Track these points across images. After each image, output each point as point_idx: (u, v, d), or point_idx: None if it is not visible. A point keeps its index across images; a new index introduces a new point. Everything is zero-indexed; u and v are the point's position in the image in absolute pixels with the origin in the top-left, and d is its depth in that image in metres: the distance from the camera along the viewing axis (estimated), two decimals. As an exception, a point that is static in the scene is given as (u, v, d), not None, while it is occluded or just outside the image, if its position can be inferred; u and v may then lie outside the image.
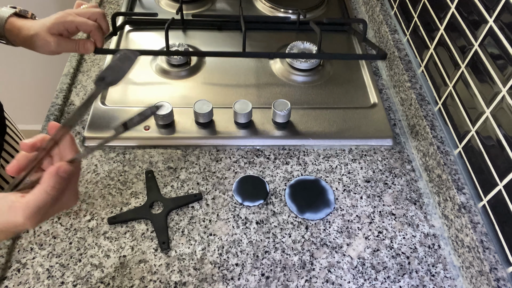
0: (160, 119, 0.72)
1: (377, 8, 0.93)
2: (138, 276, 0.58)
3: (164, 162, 0.71)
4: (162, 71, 0.84)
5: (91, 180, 0.68)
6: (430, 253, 0.62)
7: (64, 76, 0.82)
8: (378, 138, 0.75)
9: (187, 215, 0.64)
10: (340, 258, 0.61)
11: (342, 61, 0.89)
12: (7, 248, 0.59)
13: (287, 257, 0.61)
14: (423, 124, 0.71)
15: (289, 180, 0.69)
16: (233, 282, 0.58)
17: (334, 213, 0.66)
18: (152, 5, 1.00)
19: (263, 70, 0.86)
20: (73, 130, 0.74)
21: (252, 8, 1.01)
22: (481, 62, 0.60)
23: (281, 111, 0.73)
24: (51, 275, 0.58)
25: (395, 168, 0.72)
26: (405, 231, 0.64)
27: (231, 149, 0.73)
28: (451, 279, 0.60)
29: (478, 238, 0.56)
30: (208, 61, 0.87)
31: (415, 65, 0.80)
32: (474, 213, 0.59)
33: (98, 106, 0.76)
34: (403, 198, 0.68)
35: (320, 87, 0.83)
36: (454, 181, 0.62)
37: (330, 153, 0.74)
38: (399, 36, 0.86)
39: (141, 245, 0.61)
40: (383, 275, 0.60)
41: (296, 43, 0.87)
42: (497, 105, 0.56)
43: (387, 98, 0.83)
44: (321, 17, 1.00)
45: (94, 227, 0.62)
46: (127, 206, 0.65)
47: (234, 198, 0.67)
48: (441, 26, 0.71)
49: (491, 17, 0.57)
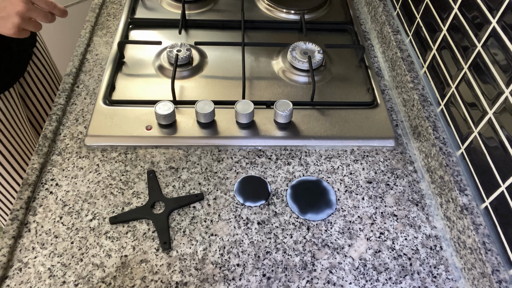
0: (162, 119, 0.72)
1: (380, 9, 0.93)
2: (139, 276, 0.58)
3: (166, 162, 0.71)
4: (164, 71, 0.84)
5: (92, 180, 0.68)
6: (432, 254, 0.62)
7: (67, 76, 0.82)
8: (380, 139, 0.75)
9: (189, 215, 0.64)
10: (341, 259, 0.61)
11: (344, 62, 0.89)
12: (9, 247, 0.59)
13: (289, 257, 0.61)
14: (426, 125, 0.71)
15: (290, 181, 0.69)
16: (234, 283, 0.58)
17: (336, 214, 0.66)
18: (155, 5, 1.00)
19: (265, 71, 0.86)
20: (75, 129, 0.74)
21: (254, 8, 1.01)
22: (484, 63, 0.59)
23: (283, 111, 0.73)
24: (53, 275, 0.58)
25: (397, 169, 0.72)
26: (407, 232, 0.64)
27: (233, 149, 0.73)
28: (453, 280, 0.59)
29: (480, 239, 0.56)
30: (210, 61, 0.87)
31: (418, 65, 0.80)
32: (476, 215, 0.59)
33: (100, 105, 0.76)
34: (405, 199, 0.68)
35: (322, 87, 0.83)
36: (456, 182, 0.62)
37: (332, 153, 0.74)
38: (402, 36, 0.86)
39: (142, 245, 0.61)
40: (385, 277, 0.59)
41: (298, 43, 0.87)
42: (500, 106, 0.55)
43: (389, 99, 0.83)
44: (323, 18, 1.00)
45: (96, 227, 0.62)
46: (128, 206, 0.65)
47: (236, 199, 0.67)
48: (444, 26, 0.70)
49: (494, 18, 0.57)
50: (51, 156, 0.71)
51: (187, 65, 0.85)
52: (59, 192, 0.66)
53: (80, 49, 0.87)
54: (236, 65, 0.86)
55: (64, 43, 1.59)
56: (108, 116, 0.75)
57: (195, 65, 0.85)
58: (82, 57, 0.87)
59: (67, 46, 1.61)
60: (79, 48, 0.88)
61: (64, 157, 0.71)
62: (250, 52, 0.90)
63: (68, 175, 0.68)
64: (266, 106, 0.78)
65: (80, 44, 0.88)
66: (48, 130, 0.73)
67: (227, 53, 0.89)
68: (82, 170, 0.69)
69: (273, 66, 0.87)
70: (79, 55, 0.86)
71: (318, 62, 0.85)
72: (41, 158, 0.69)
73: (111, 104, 0.77)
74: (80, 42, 0.89)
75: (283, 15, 0.99)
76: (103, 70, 0.85)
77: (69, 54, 1.60)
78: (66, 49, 1.62)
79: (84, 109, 0.78)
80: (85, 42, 0.89)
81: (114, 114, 0.75)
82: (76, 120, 0.76)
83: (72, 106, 0.78)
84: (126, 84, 0.81)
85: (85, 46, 0.89)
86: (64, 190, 0.66)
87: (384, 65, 0.90)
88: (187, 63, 0.85)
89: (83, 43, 0.89)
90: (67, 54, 1.61)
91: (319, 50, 0.86)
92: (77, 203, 0.65)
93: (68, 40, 1.60)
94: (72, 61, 0.85)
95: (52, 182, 0.67)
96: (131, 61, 0.86)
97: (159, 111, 0.72)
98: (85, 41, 0.89)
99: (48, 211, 0.64)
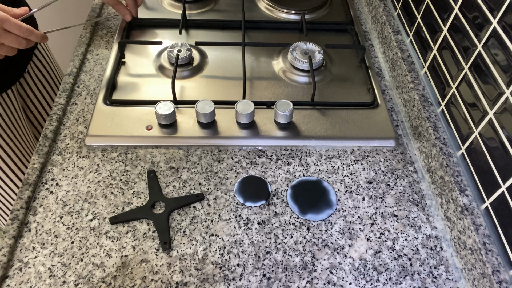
0: (162, 119, 0.72)
1: (380, 9, 0.92)
2: (139, 276, 0.58)
3: (166, 162, 0.71)
4: (165, 71, 0.84)
5: (93, 180, 0.68)
6: (432, 255, 0.62)
7: (67, 76, 0.82)
8: (380, 139, 0.75)
9: (189, 215, 0.64)
10: (341, 260, 0.61)
11: (345, 62, 0.89)
12: (9, 247, 0.59)
13: (289, 258, 0.61)
14: (426, 125, 0.71)
15: (291, 181, 0.69)
16: (234, 283, 0.58)
17: (336, 214, 0.66)
18: (155, 5, 1.00)
19: (266, 71, 0.86)
20: (75, 129, 0.74)
21: (254, 8, 1.01)
22: (484, 64, 0.59)
23: (283, 111, 0.73)
24: (53, 274, 0.58)
25: (397, 170, 0.72)
26: (407, 232, 0.64)
27: (233, 149, 0.73)
28: (453, 281, 0.59)
29: (481, 240, 0.56)
30: (211, 61, 0.87)
31: (418, 66, 0.80)
32: (477, 215, 0.59)
33: (101, 105, 0.76)
34: (405, 200, 0.68)
35: (323, 87, 0.83)
36: (456, 182, 0.62)
37: (332, 154, 0.74)
38: (402, 37, 0.86)
39: (142, 245, 0.61)
40: (385, 277, 0.59)
41: (299, 43, 0.87)
42: (501, 107, 0.55)
43: (389, 99, 0.83)
44: (323, 18, 1.00)
45: (96, 227, 0.62)
46: (129, 206, 0.65)
47: (236, 199, 0.67)
48: (445, 27, 0.70)
49: (495, 18, 0.57)
50: (51, 156, 0.71)
51: (187, 65, 0.85)
52: (60, 192, 0.66)
53: (81, 49, 0.87)
54: (236, 65, 0.86)
55: (64, 43, 1.60)
56: (108, 116, 0.75)
57: (195, 65, 0.85)
58: (83, 57, 0.87)
59: (68, 46, 1.61)
60: (79, 48, 0.88)
61: (64, 157, 0.71)
62: (251, 52, 0.90)
63: (69, 175, 0.68)
64: (266, 106, 0.78)
65: (80, 44, 0.88)
66: (49, 130, 0.73)
67: (227, 53, 0.89)
68: (82, 170, 0.69)
69: (274, 66, 0.87)
70: (79, 55, 0.86)
71: (319, 62, 0.85)
72: (41, 158, 0.69)
73: (112, 104, 0.77)
74: (81, 42, 0.89)
75: (284, 15, 0.99)
76: (103, 70, 0.85)
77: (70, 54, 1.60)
78: (66, 49, 1.62)
79: (84, 109, 0.78)
80: (86, 42, 0.89)
81: (115, 114, 0.75)
82: (76, 120, 0.76)
83: (73, 106, 0.78)
84: (127, 84, 0.81)
85: (86, 46, 0.89)
86: (64, 190, 0.66)
87: (385, 65, 0.89)
88: (187, 63, 0.85)
89: (84, 43, 0.89)
90: (67, 54, 1.61)
91: (319, 50, 0.86)
92: (77, 203, 0.65)
93: (69, 40, 1.60)
94: (73, 61, 0.85)
95: (53, 182, 0.67)
96: (132, 61, 0.86)
97: (159, 111, 0.72)
98: (85, 41, 0.89)
99: (48, 211, 0.64)
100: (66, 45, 1.60)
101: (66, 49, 1.61)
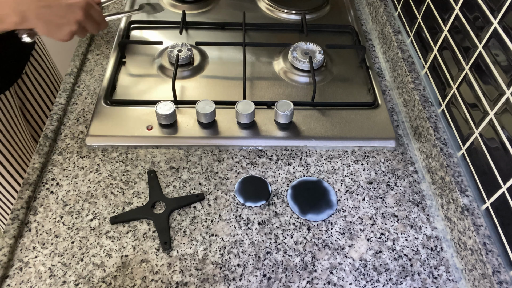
0: (162, 119, 0.72)
1: (381, 9, 0.92)
2: (139, 276, 0.58)
3: (167, 162, 0.71)
4: (165, 71, 0.84)
5: (93, 180, 0.68)
6: (432, 255, 0.62)
7: (68, 76, 0.82)
8: (381, 139, 0.75)
9: (189, 215, 0.64)
10: (342, 260, 0.61)
11: (345, 62, 0.89)
12: (9, 247, 0.59)
13: (289, 258, 0.61)
14: (426, 126, 0.71)
15: (291, 181, 0.69)
16: (234, 283, 0.58)
17: (336, 215, 0.66)
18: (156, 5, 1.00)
19: (266, 71, 0.86)
20: (75, 129, 0.74)
21: (255, 8, 1.01)
22: (485, 64, 0.59)
23: (284, 111, 0.73)
24: (53, 274, 0.58)
25: (397, 170, 0.72)
26: (407, 233, 0.64)
27: (234, 149, 0.73)
28: (454, 281, 0.59)
29: (481, 240, 0.56)
30: (211, 61, 0.87)
31: (419, 66, 0.80)
32: (477, 216, 0.59)
33: (101, 105, 0.76)
34: (406, 200, 0.68)
35: (323, 87, 0.83)
36: (457, 183, 0.62)
37: (333, 154, 0.74)
38: (403, 37, 0.86)
39: (143, 245, 0.61)
40: (385, 277, 0.59)
41: (299, 43, 0.87)
42: (501, 107, 0.55)
43: (390, 99, 0.83)
44: (324, 18, 1.00)
45: (96, 227, 0.63)
46: (129, 206, 0.65)
47: (236, 199, 0.67)
48: (445, 27, 0.70)
49: (496, 19, 0.57)
50: (52, 156, 0.71)
51: (188, 65, 0.85)
52: (60, 191, 0.66)
53: (81, 49, 0.87)
54: (237, 65, 0.86)
55: (63, 43, 1.59)
56: (109, 116, 0.75)
57: (196, 65, 0.85)
58: (83, 56, 0.87)
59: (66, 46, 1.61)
60: (80, 47, 0.88)
61: (64, 156, 0.71)
62: (251, 52, 0.90)
63: (69, 174, 0.68)
64: (267, 106, 0.78)
65: (81, 44, 0.88)
66: (49, 130, 0.73)
67: (228, 53, 0.89)
68: (82, 170, 0.69)
69: (274, 66, 0.87)
70: (80, 55, 0.86)
71: (319, 63, 0.85)
72: (42, 157, 0.69)
73: (112, 104, 0.77)
74: (81, 42, 0.89)
75: (284, 16, 0.99)
76: (104, 70, 0.85)
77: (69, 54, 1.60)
78: (66, 49, 1.62)
79: (85, 109, 0.78)
80: (86, 42, 0.89)
81: (115, 114, 0.75)
82: (77, 120, 0.76)
83: (73, 106, 0.78)
84: (127, 84, 0.81)
85: (86, 46, 0.89)
86: (64, 189, 0.66)
87: (385, 65, 0.89)
88: (188, 63, 0.85)
89: (84, 42, 0.89)
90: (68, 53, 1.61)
91: (320, 50, 0.86)
92: (77, 202, 0.65)
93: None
94: (73, 61, 0.85)
95: (53, 181, 0.67)
96: (132, 61, 0.86)
97: (160, 111, 0.72)
98: (86, 40, 0.89)
99: (48, 210, 0.64)
100: (65, 45, 1.60)
101: (65, 49, 1.61)
